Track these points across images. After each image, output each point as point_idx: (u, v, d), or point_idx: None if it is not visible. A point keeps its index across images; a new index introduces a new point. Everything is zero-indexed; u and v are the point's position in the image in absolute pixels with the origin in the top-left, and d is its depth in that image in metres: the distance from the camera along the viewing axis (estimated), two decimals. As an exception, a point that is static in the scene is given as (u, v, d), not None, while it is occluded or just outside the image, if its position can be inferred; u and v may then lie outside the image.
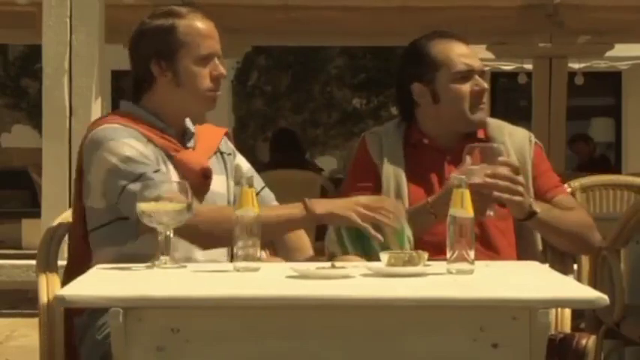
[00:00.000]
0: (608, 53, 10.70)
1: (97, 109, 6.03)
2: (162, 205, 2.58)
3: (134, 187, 2.76)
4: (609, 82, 14.61)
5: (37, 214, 6.21)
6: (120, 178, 2.81)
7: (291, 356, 2.19)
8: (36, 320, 2.80)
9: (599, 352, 3.85)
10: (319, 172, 8.95)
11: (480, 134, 3.19)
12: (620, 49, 11.17)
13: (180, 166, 2.93)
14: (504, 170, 2.86)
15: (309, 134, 17.42)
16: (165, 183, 2.73)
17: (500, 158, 2.86)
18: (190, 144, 3.02)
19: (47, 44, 6.01)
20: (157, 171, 2.81)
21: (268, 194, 3.14)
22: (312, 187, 6.63)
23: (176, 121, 3.01)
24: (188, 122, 3.06)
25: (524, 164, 3.08)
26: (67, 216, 3.05)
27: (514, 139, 3.16)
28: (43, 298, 2.82)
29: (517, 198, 2.87)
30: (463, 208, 2.42)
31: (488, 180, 2.82)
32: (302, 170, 7.47)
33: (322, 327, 2.19)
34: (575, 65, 10.87)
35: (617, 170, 12.37)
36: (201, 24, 2.98)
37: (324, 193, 7.03)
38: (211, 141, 3.09)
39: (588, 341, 2.66)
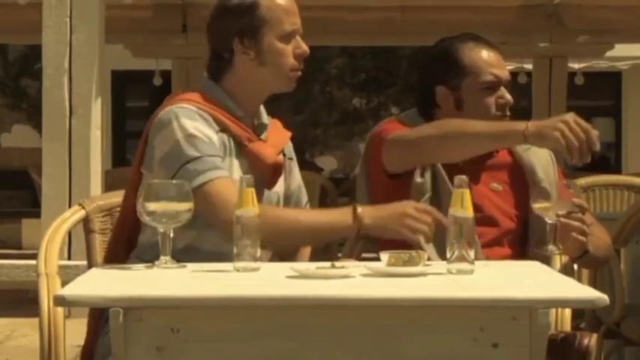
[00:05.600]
0: (608, 53, 10.71)
1: (97, 109, 6.05)
2: (163, 205, 2.55)
3: (192, 166, 2.70)
4: (609, 82, 14.62)
5: (37, 214, 6.23)
6: (180, 156, 2.74)
7: (291, 356, 2.19)
8: (36, 320, 2.80)
9: (599, 352, 3.86)
10: (319, 172, 8.96)
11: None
12: (620, 49, 11.18)
13: (252, 157, 2.85)
14: (576, 208, 2.84)
15: (309, 134, 17.42)
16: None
17: (575, 200, 2.85)
18: (263, 136, 2.95)
19: (47, 44, 6.02)
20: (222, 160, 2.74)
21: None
22: (312, 187, 6.61)
23: (252, 106, 2.93)
24: (263, 115, 2.99)
25: (551, 184, 3.04)
26: (67, 216, 3.05)
27: (540, 159, 3.13)
28: (44, 298, 2.82)
29: (582, 238, 2.86)
30: (463, 208, 2.41)
31: (563, 220, 2.80)
32: (302, 170, 7.46)
33: (322, 327, 2.19)
34: (575, 65, 10.87)
35: (617, 170, 12.38)
36: (282, 0, 2.90)
37: (324, 193, 7.03)
38: (281, 139, 3.03)
39: (590, 340, 2.65)
